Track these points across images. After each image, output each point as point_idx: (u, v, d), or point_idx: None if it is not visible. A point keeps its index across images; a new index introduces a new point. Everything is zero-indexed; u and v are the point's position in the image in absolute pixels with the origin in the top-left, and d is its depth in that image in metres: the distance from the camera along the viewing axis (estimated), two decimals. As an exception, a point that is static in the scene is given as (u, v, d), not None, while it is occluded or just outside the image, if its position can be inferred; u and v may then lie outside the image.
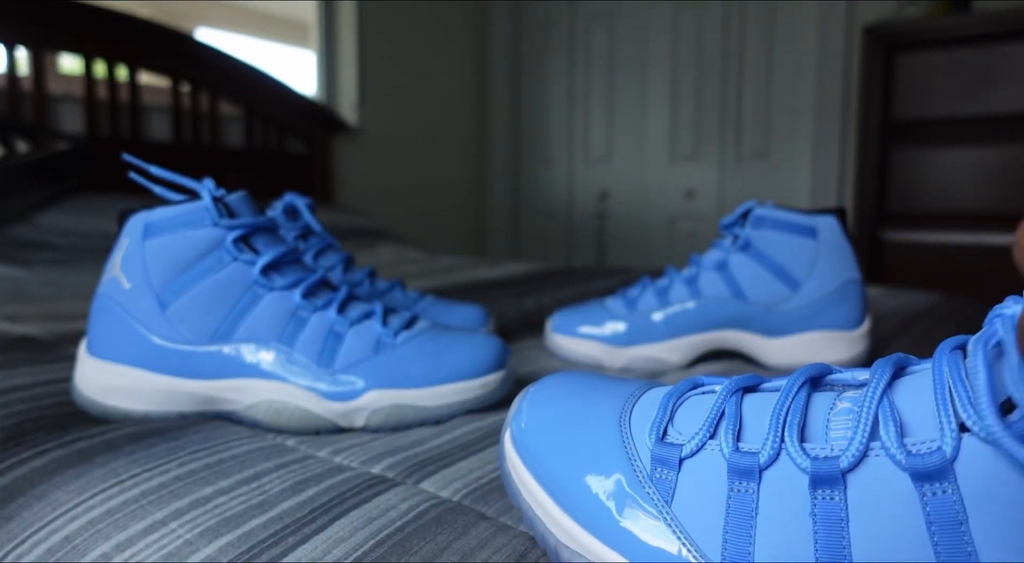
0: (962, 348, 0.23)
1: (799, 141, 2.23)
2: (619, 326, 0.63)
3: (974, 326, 0.84)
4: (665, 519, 0.25)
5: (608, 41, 2.58)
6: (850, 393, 0.25)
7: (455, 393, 0.46)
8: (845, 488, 0.22)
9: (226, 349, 0.44)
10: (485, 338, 0.49)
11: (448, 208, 2.67)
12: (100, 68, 1.56)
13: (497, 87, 2.78)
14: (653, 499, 0.26)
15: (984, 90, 1.74)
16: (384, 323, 0.48)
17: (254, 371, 0.44)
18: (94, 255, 1.16)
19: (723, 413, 0.26)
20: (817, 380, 0.26)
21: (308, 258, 0.66)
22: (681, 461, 0.26)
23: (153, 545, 0.31)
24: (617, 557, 0.26)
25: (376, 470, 0.38)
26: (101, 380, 0.45)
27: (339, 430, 0.45)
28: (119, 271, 0.45)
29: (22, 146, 1.27)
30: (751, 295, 0.61)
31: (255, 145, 1.90)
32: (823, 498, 0.23)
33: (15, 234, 1.14)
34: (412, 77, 2.44)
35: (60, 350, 0.63)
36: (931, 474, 0.21)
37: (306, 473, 0.37)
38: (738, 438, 0.25)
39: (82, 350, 0.47)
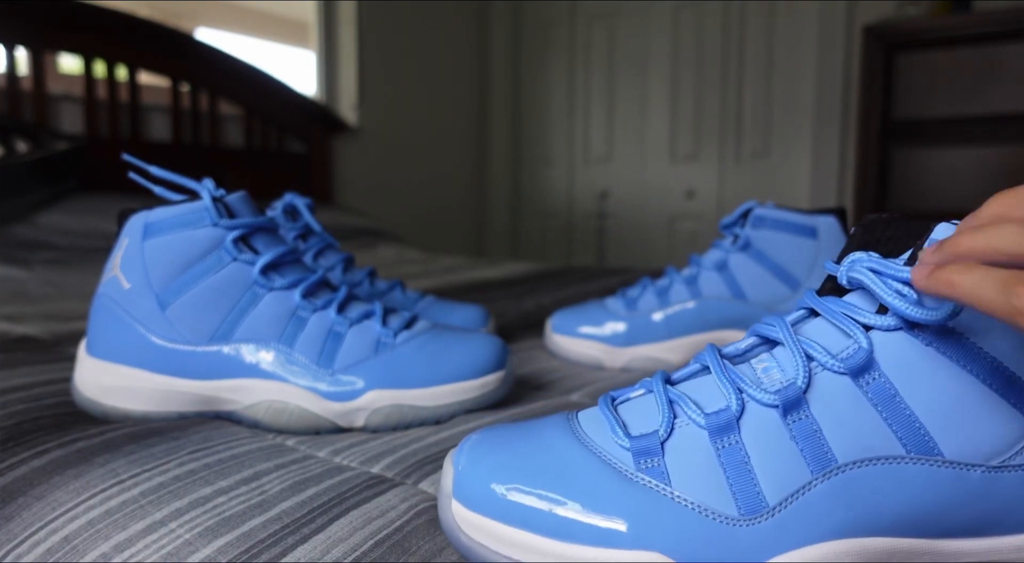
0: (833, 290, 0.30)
1: (799, 141, 2.23)
2: (619, 326, 0.63)
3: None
4: (673, 499, 0.27)
5: (608, 41, 2.57)
6: (762, 355, 0.29)
7: (455, 393, 0.46)
8: (808, 405, 0.27)
9: (226, 349, 0.44)
10: (485, 338, 0.49)
11: (448, 208, 2.67)
12: (100, 68, 1.56)
13: (497, 87, 2.78)
14: (652, 487, 0.27)
15: (984, 90, 1.74)
16: (384, 323, 0.48)
17: (254, 371, 0.44)
18: (94, 255, 1.16)
19: (671, 398, 0.29)
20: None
21: (308, 258, 0.66)
22: (662, 445, 0.28)
23: (153, 545, 0.31)
24: (650, 555, 0.26)
25: (375, 470, 0.38)
26: (101, 380, 0.45)
27: (339, 430, 0.45)
28: (119, 271, 0.45)
29: (22, 146, 1.27)
30: (751, 295, 0.61)
31: (255, 145, 1.90)
32: (795, 421, 0.27)
33: (15, 234, 1.14)
34: (412, 77, 2.44)
35: (60, 350, 0.63)
36: (862, 368, 0.26)
37: (306, 473, 0.37)
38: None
39: (82, 350, 0.47)
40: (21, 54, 1.43)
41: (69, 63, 1.61)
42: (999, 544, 0.27)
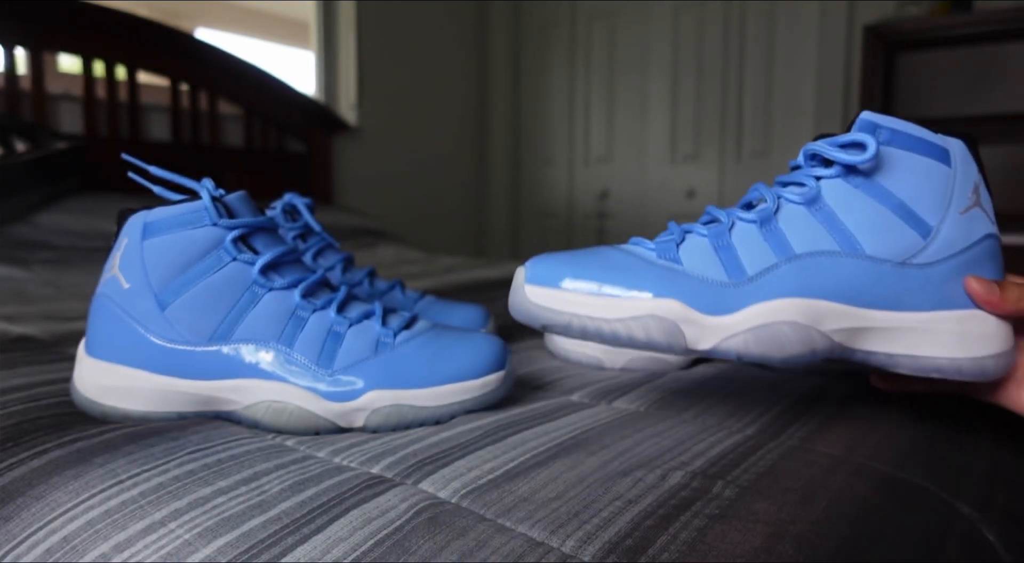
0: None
1: (799, 141, 2.23)
2: (619, 326, 0.63)
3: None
4: (685, 273, 0.40)
5: (608, 41, 2.57)
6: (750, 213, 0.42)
7: (455, 393, 0.46)
8: (777, 221, 0.41)
9: (225, 349, 0.44)
10: (485, 338, 0.49)
11: (448, 208, 2.67)
12: (99, 68, 1.56)
13: (497, 87, 2.78)
14: (669, 266, 0.40)
15: (984, 90, 1.74)
16: (384, 323, 0.48)
17: (253, 371, 0.44)
18: (93, 255, 1.16)
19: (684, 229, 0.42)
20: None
21: (307, 258, 0.66)
22: (677, 246, 0.41)
23: (152, 546, 0.31)
24: (669, 302, 0.38)
25: (375, 470, 0.38)
26: (100, 380, 0.45)
27: (339, 430, 0.45)
28: (118, 271, 0.45)
29: (21, 146, 1.27)
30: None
31: (254, 145, 1.90)
32: (767, 230, 0.40)
33: (15, 234, 1.14)
34: (412, 77, 2.44)
35: (59, 350, 0.63)
36: (813, 199, 0.41)
37: (305, 473, 0.37)
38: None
39: (81, 350, 0.47)
40: (20, 54, 1.42)
41: (68, 63, 1.61)
42: (904, 316, 0.39)
